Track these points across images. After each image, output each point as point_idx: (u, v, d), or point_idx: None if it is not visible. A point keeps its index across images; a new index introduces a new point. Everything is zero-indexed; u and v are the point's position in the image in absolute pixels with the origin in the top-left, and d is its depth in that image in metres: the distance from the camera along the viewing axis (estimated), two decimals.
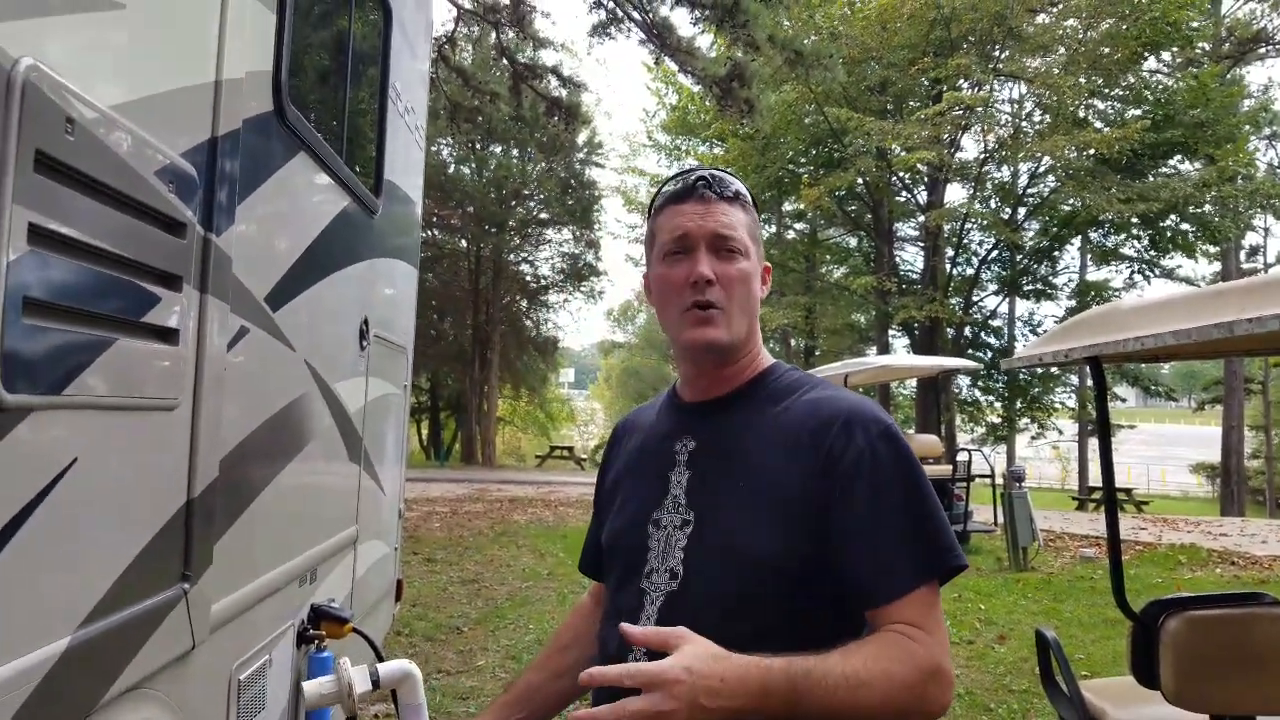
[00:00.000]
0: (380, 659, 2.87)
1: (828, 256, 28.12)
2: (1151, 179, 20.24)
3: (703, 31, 12.20)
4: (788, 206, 26.65)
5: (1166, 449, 42.89)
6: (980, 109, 20.43)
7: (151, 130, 1.47)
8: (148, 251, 1.46)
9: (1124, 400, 28.04)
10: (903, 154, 19.93)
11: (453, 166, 27.70)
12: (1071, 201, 20.57)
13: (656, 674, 1.02)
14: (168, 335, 1.54)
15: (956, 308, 22.22)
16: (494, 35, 14.00)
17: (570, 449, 29.88)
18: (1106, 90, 20.85)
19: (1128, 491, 21.48)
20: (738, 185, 1.39)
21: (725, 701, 1.04)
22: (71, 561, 1.29)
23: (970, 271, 24.03)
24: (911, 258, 25.77)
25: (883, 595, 1.21)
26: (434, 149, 25.21)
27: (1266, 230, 27.52)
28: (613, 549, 1.44)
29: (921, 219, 22.81)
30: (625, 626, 1.11)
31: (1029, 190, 22.76)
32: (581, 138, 27.02)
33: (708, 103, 20.49)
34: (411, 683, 1.63)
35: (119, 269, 1.38)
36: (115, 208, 1.36)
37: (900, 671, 1.13)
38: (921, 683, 1.15)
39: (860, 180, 22.07)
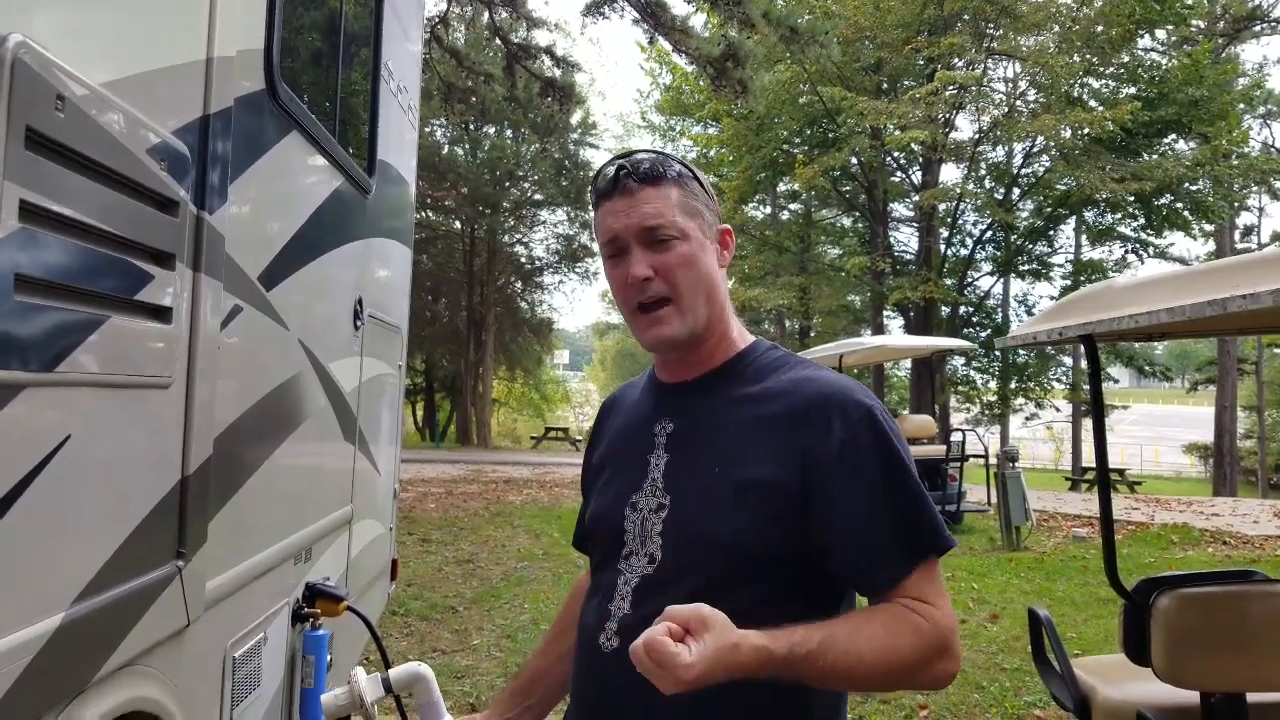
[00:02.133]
0: (376, 638, 2.89)
1: (822, 237, 28.10)
2: (1146, 158, 20.23)
3: (696, 10, 12.14)
4: (782, 187, 26.60)
5: (1159, 429, 43.08)
6: (974, 88, 20.39)
7: (143, 108, 1.46)
8: (140, 229, 1.45)
9: (1116, 381, 28.14)
10: (897, 133, 19.88)
11: (446, 147, 27.58)
12: (1066, 181, 20.54)
13: (672, 659, 1.03)
14: (161, 313, 1.54)
15: (951, 288, 22.25)
16: (487, 15, 13.91)
17: (565, 430, 29.90)
18: (1101, 69, 20.81)
19: (1120, 472, 21.64)
20: (665, 161, 1.33)
21: (711, 681, 1.05)
22: (65, 538, 1.29)
23: (965, 252, 24.06)
24: (906, 238, 25.84)
25: (883, 582, 1.22)
26: (427, 130, 25.07)
27: (1261, 210, 27.62)
28: (594, 530, 1.44)
29: (916, 199, 22.80)
30: (670, 610, 1.09)
31: (1023, 170, 22.76)
32: (575, 118, 26.88)
33: (702, 83, 20.42)
34: (425, 683, 1.64)
35: (111, 247, 1.37)
36: (107, 185, 1.35)
37: (903, 647, 1.14)
38: (926, 658, 1.16)
39: (854, 160, 22.03)
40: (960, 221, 23.67)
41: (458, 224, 28.53)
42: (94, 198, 1.31)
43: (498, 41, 14.22)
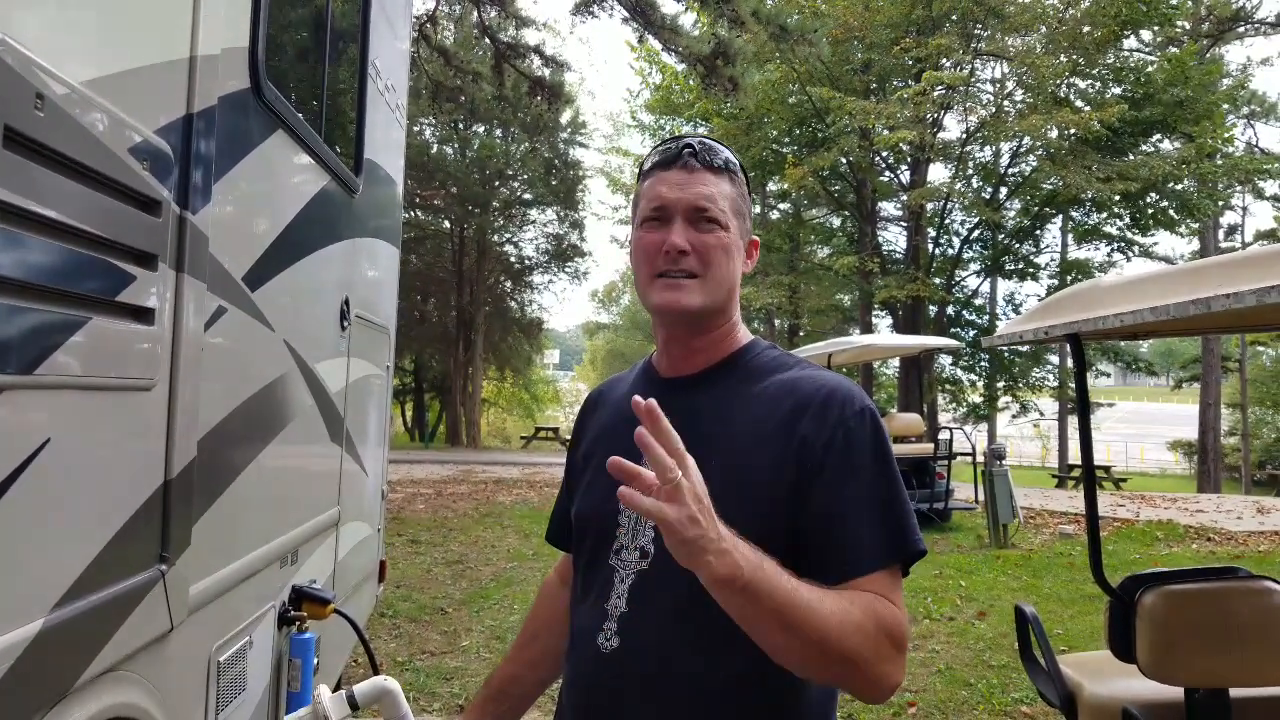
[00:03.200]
0: (363, 640, 2.88)
1: (812, 236, 28.14)
2: (1132, 157, 20.34)
3: (686, 9, 12.15)
4: (772, 186, 26.63)
5: (1145, 427, 43.34)
6: (962, 88, 20.46)
7: (125, 107, 1.44)
8: (122, 230, 1.44)
9: (1107, 375, 28.26)
10: (885, 133, 19.94)
11: (435, 147, 27.49)
12: (1052, 180, 20.64)
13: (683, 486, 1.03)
14: (143, 315, 1.53)
15: (939, 287, 22.32)
16: (475, 14, 13.88)
17: (555, 430, 29.79)
18: (1087, 69, 20.91)
19: (1106, 469, 21.72)
20: (727, 155, 1.36)
21: (702, 551, 1.02)
22: (46, 542, 1.28)
23: (952, 251, 24.14)
24: (894, 238, 25.88)
25: (850, 572, 1.20)
26: (416, 129, 24.99)
27: (1245, 209, 27.80)
28: (583, 525, 1.42)
29: (904, 198, 22.87)
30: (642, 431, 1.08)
31: (1010, 170, 22.85)
32: (565, 118, 26.86)
33: (692, 82, 20.44)
34: (391, 698, 1.62)
35: (92, 247, 1.36)
36: (88, 185, 1.34)
37: (865, 624, 1.12)
38: (878, 636, 1.13)
39: (844, 160, 22.07)
40: (948, 221, 23.76)
41: (447, 223, 28.44)
42: (75, 198, 1.30)
43: (486, 40, 14.20)
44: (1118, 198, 20.22)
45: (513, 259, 30.31)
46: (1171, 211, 21.62)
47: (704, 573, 1.03)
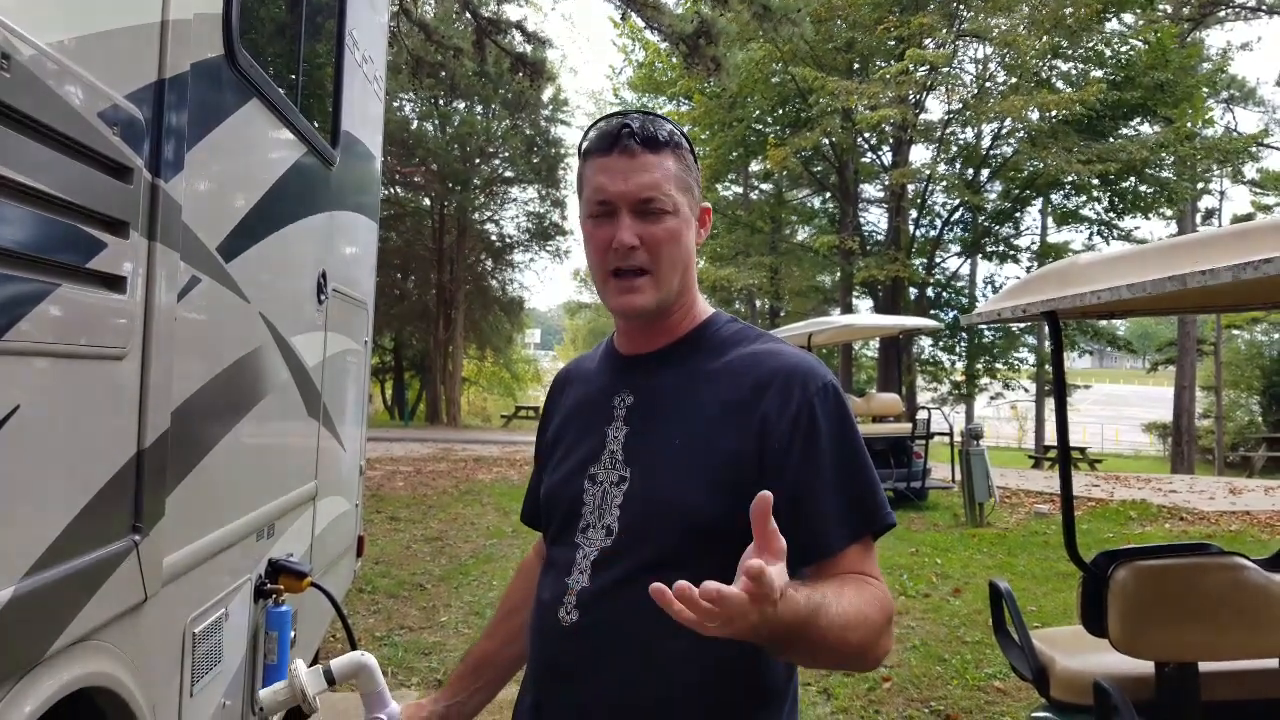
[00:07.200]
0: (340, 613, 2.88)
1: (793, 217, 28.15)
2: (1112, 140, 20.44)
3: None
4: (754, 166, 26.60)
5: (1120, 409, 43.79)
6: (944, 69, 20.47)
7: (94, 70, 1.42)
8: (92, 196, 1.42)
9: (1090, 353, 28.50)
10: (867, 113, 19.92)
11: (415, 123, 27.23)
12: (1033, 163, 20.73)
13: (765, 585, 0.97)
14: (115, 283, 1.50)
15: (919, 269, 22.40)
16: None
17: (536, 409, 29.76)
18: (1069, 51, 20.96)
19: (1081, 450, 21.91)
20: (668, 129, 1.32)
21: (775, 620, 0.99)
22: (16, 510, 1.26)
23: (933, 233, 24.23)
24: (876, 219, 25.95)
25: (826, 549, 1.23)
26: (396, 105, 24.75)
27: (1222, 194, 28.00)
28: (550, 503, 1.43)
29: (886, 180, 22.91)
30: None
31: (992, 152, 22.92)
32: (547, 95, 26.64)
33: (674, 60, 20.32)
34: (368, 672, 1.62)
35: (62, 213, 1.34)
36: (57, 149, 1.31)
37: (874, 615, 1.16)
38: (885, 626, 1.18)
39: (826, 140, 22.06)
40: (929, 203, 23.84)
41: (427, 201, 28.23)
42: (43, 162, 1.28)
43: (467, 15, 14.03)
44: (1096, 180, 20.32)
45: (493, 237, 30.14)
46: (1149, 196, 21.75)
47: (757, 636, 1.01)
